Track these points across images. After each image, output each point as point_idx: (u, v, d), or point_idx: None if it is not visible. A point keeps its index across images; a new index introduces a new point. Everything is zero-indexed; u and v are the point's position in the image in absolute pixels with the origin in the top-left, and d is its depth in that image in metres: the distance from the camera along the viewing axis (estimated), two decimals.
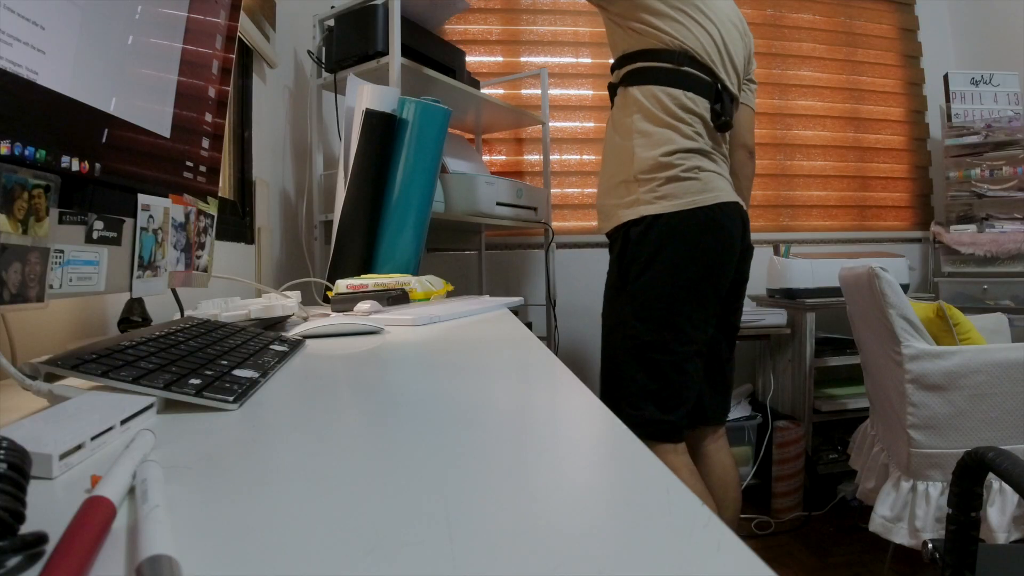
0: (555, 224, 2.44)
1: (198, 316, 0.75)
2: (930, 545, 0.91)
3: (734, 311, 1.36)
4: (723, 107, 1.25)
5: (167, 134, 0.66)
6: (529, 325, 1.87)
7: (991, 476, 0.71)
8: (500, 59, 2.56)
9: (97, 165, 0.52)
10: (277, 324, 0.85)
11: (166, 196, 0.65)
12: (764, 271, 2.31)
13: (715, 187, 1.22)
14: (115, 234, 0.56)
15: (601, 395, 1.27)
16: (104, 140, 0.54)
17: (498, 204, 1.85)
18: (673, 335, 1.20)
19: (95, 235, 0.53)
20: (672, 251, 1.19)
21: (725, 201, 1.22)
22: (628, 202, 1.23)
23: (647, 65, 1.24)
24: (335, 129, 1.82)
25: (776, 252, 2.29)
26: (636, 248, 1.21)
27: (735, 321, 1.37)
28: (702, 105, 1.24)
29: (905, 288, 1.79)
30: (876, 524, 1.41)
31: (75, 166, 0.49)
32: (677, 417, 1.21)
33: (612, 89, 1.36)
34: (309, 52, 1.84)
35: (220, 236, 1.10)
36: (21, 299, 0.41)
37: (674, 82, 1.23)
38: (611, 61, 1.40)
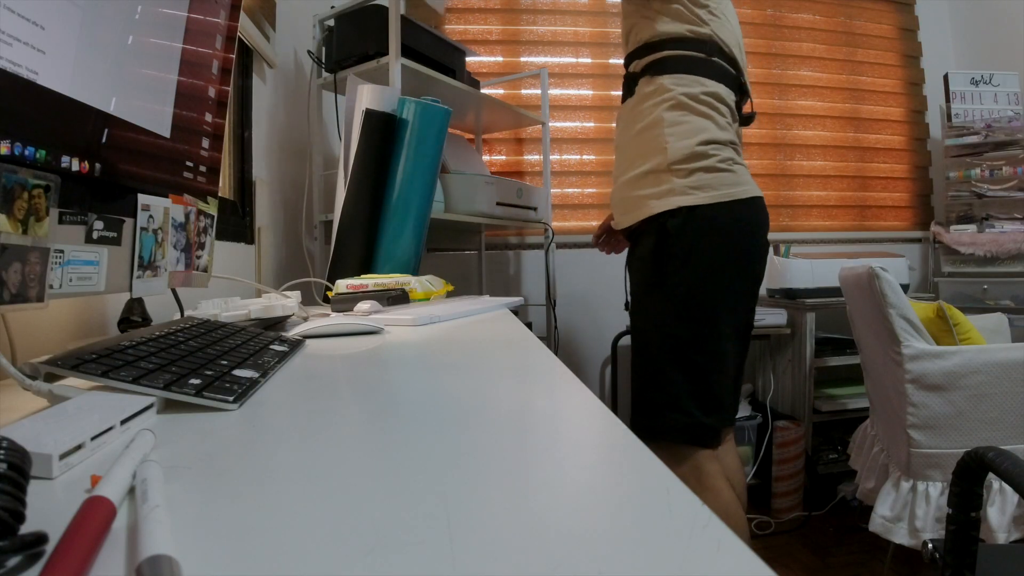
0: (555, 224, 2.45)
1: (198, 316, 0.75)
2: (930, 545, 0.92)
3: (750, 310, 1.34)
4: (744, 102, 1.24)
5: (167, 134, 0.66)
6: (529, 325, 1.87)
7: (991, 476, 0.71)
8: (500, 59, 2.56)
9: (97, 165, 0.52)
10: (277, 324, 0.85)
11: (166, 196, 0.65)
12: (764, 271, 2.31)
13: (747, 181, 1.18)
14: (115, 234, 0.56)
15: (635, 399, 1.20)
16: (104, 140, 0.54)
17: (498, 204, 1.85)
18: (713, 334, 1.14)
19: (95, 235, 0.53)
20: (710, 245, 1.13)
21: (757, 196, 1.19)
22: (660, 192, 1.15)
23: (678, 54, 1.18)
24: (335, 129, 1.82)
25: (776, 252, 2.29)
26: (675, 241, 1.13)
27: (751, 320, 1.36)
28: (730, 97, 1.20)
29: (905, 288, 1.78)
30: (876, 524, 1.41)
31: (75, 166, 0.49)
32: (717, 420, 1.16)
33: (632, 80, 1.26)
34: (309, 52, 1.84)
35: (220, 236, 1.10)
36: (21, 299, 0.41)
37: (707, 72, 1.18)
38: (618, 60, 1.38)
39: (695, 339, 1.13)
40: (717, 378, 1.16)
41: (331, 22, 1.78)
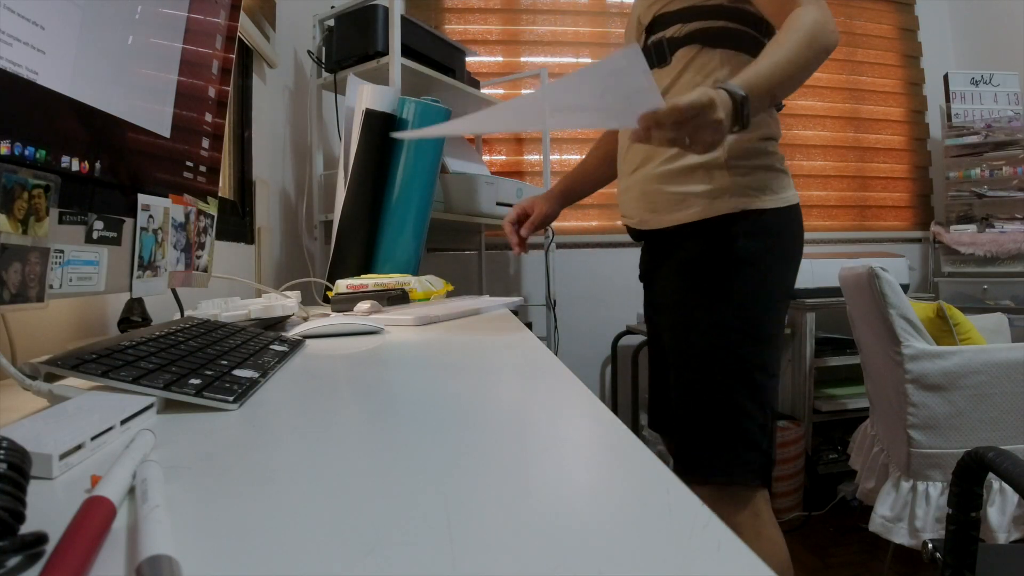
0: (555, 224, 2.44)
1: (198, 316, 0.75)
2: (930, 545, 0.92)
3: None
4: None
5: (167, 134, 0.66)
6: (529, 325, 1.87)
7: (991, 476, 0.71)
8: (500, 59, 2.56)
9: (97, 165, 0.52)
10: (277, 324, 0.85)
11: (166, 196, 0.65)
12: None
13: (792, 183, 1.07)
14: (115, 234, 0.56)
15: (690, 433, 0.99)
16: (104, 140, 0.54)
17: (498, 204, 1.85)
18: (776, 355, 1.02)
19: (95, 235, 0.53)
20: (778, 255, 1.02)
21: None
22: (714, 191, 0.98)
23: (731, 26, 1.00)
24: (335, 129, 1.82)
25: None
26: (740, 249, 0.98)
27: None
28: None
29: (905, 288, 1.79)
30: (876, 524, 1.41)
31: (75, 166, 0.49)
32: (774, 453, 1.02)
33: (668, 46, 1.03)
34: (309, 52, 1.84)
35: (220, 236, 1.10)
36: (21, 299, 0.41)
37: (758, 53, 1.00)
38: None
39: (763, 361, 0.99)
40: (775, 401, 1.02)
41: (331, 22, 1.78)
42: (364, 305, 0.97)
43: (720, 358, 0.98)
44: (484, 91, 2.02)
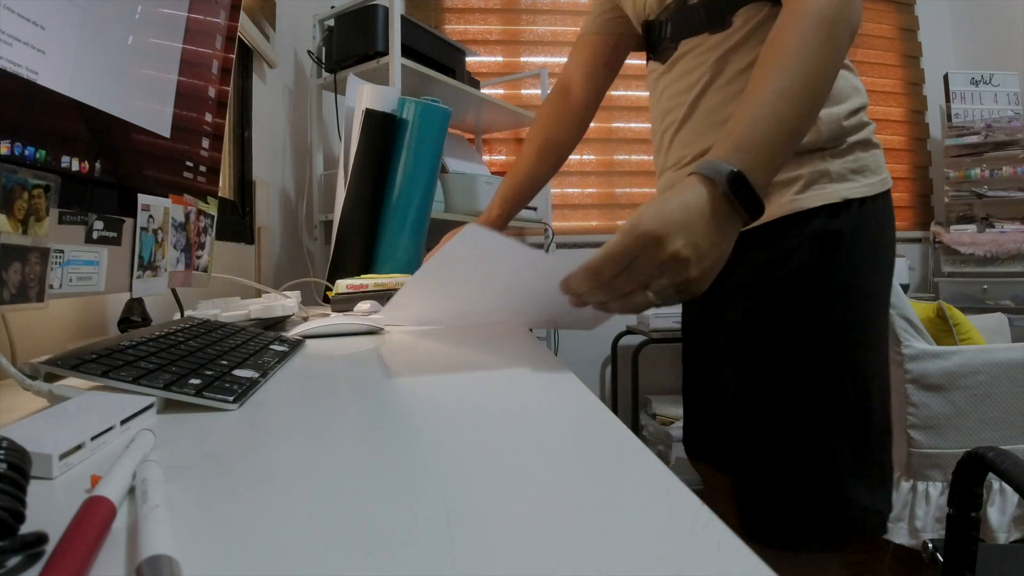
0: (555, 224, 2.44)
1: (198, 316, 0.75)
2: (930, 545, 0.92)
3: None
4: None
5: (167, 134, 0.66)
6: None
7: (991, 476, 0.71)
8: (500, 59, 2.56)
9: (97, 165, 0.52)
10: (277, 324, 0.85)
11: (166, 196, 0.65)
12: None
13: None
14: (115, 234, 0.56)
15: (764, 487, 0.76)
16: (104, 140, 0.54)
17: None
18: (885, 368, 0.79)
19: (95, 235, 0.53)
20: (883, 250, 0.81)
21: None
22: (807, 177, 0.76)
23: None
24: (335, 129, 1.82)
25: None
26: (843, 249, 0.76)
27: None
28: None
29: (905, 288, 1.79)
30: None
31: (75, 166, 0.49)
32: (887, 499, 0.79)
33: (726, 4, 0.79)
34: (309, 52, 1.84)
35: (220, 236, 1.10)
36: (21, 299, 0.41)
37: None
38: None
39: (877, 375, 0.78)
40: (888, 440, 0.78)
41: (331, 22, 1.78)
42: (364, 305, 0.97)
43: (835, 380, 0.75)
44: (484, 91, 2.02)
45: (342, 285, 1.14)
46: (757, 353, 0.79)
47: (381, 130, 1.35)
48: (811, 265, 0.76)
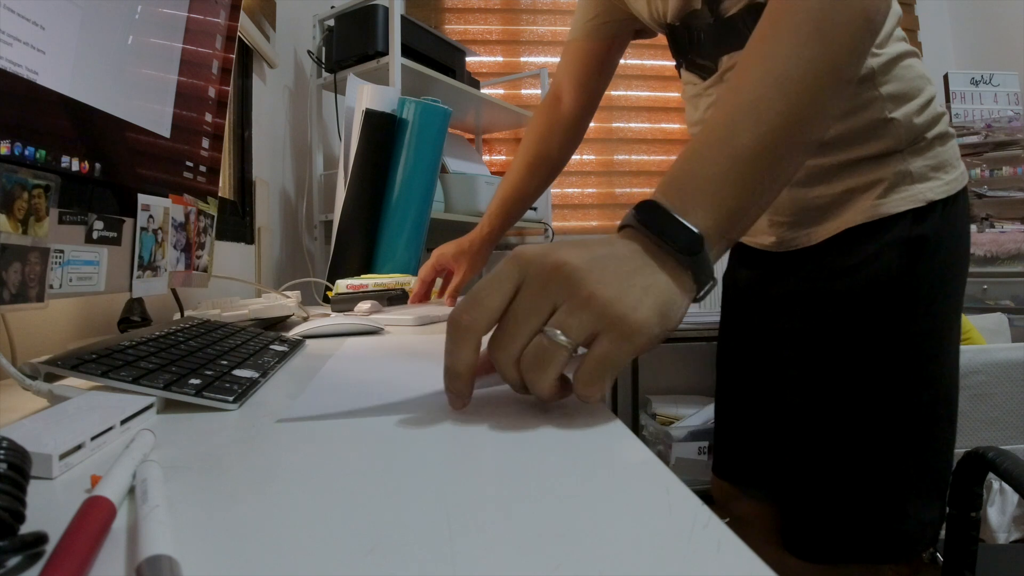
0: (555, 224, 2.45)
1: (198, 316, 0.75)
2: None
3: None
4: None
5: (167, 134, 0.66)
6: None
7: (991, 476, 0.71)
8: (500, 59, 2.56)
9: (97, 165, 0.52)
10: (277, 324, 0.85)
11: (166, 196, 0.65)
12: None
13: None
14: (115, 234, 0.56)
15: (824, 505, 0.73)
16: (104, 140, 0.54)
17: None
18: (956, 377, 0.75)
19: (95, 235, 0.53)
20: (964, 254, 0.75)
21: None
22: (887, 180, 0.70)
23: None
24: (335, 129, 1.82)
25: None
26: (934, 252, 0.70)
27: None
28: None
29: None
30: None
31: (75, 166, 0.49)
32: (942, 510, 0.77)
33: (743, 21, 0.71)
34: (309, 52, 1.84)
35: (220, 236, 1.10)
36: (21, 299, 0.41)
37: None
38: None
39: (949, 391, 0.74)
40: (952, 452, 0.75)
41: (331, 22, 1.79)
42: (364, 305, 0.97)
43: (911, 395, 0.71)
44: (484, 91, 2.02)
45: (342, 285, 1.14)
46: (822, 363, 0.74)
47: (381, 130, 1.35)
48: (892, 273, 0.70)
